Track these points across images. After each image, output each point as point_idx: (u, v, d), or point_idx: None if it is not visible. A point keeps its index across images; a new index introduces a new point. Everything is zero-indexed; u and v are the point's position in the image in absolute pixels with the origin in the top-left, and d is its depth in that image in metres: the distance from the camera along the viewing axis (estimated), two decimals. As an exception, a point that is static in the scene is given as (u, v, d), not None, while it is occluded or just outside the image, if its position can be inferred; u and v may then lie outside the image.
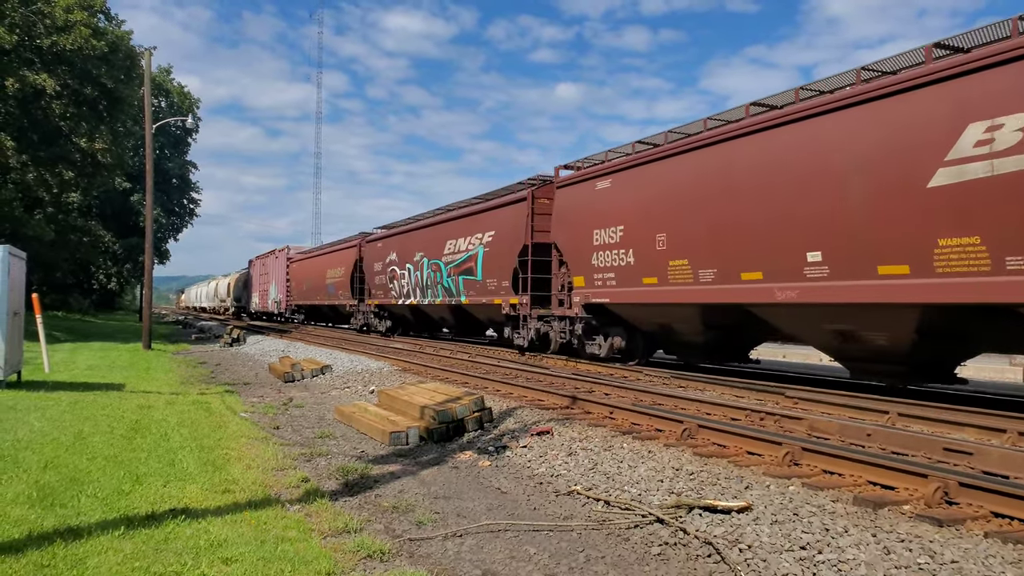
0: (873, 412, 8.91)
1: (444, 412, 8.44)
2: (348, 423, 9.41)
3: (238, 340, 26.83)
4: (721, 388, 11.49)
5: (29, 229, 31.61)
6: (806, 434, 7.72)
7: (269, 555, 4.25)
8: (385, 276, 27.42)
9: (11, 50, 26.21)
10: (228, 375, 16.14)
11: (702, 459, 6.74)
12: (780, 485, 5.82)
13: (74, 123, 29.19)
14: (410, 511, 5.60)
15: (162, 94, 56.71)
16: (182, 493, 5.51)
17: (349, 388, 13.11)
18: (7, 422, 8.11)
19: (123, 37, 30.99)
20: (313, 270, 36.39)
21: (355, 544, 4.64)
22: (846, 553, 4.35)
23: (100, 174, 31.80)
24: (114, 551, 4.19)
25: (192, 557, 4.15)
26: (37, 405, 9.44)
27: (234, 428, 8.63)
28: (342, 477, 6.60)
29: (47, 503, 5.07)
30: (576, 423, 8.59)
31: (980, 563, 4.19)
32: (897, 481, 5.63)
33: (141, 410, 9.52)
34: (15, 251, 11.58)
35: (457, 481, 6.56)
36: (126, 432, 7.87)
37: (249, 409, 10.65)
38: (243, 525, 4.82)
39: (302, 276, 38.38)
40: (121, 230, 57.29)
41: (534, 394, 10.83)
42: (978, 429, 7.90)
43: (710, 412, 9.12)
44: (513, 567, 4.48)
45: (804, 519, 4.92)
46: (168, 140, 59.88)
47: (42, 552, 4.11)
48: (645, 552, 4.71)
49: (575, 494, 6.00)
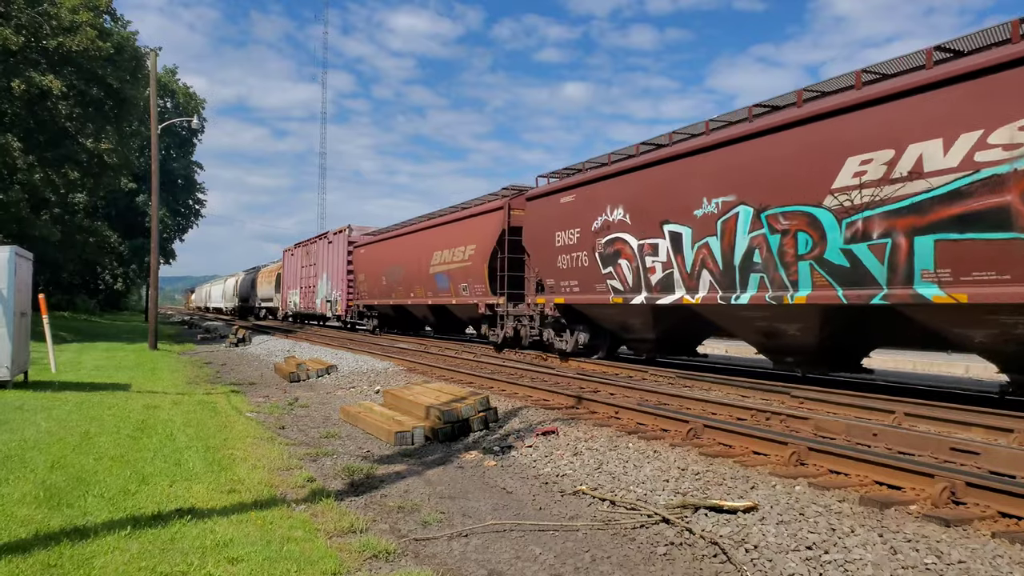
0: (879, 412, 8.87)
1: (449, 412, 8.44)
2: (353, 423, 9.42)
3: (243, 340, 26.91)
4: (727, 388, 11.47)
5: (35, 230, 31.75)
6: (812, 434, 7.69)
7: (275, 555, 4.26)
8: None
9: (18, 52, 26.32)
10: (234, 375, 16.18)
11: (708, 459, 6.73)
12: (786, 485, 5.80)
13: (80, 124, 29.31)
14: (416, 511, 5.60)
15: (168, 95, 56.93)
16: (188, 493, 5.53)
17: (354, 388, 13.12)
18: (14, 422, 8.14)
19: (129, 38, 31.13)
20: (400, 255, 25.42)
21: (361, 544, 4.65)
22: (852, 553, 4.33)
23: (106, 175, 31.92)
24: (120, 551, 4.20)
25: (198, 557, 4.16)
26: (44, 405, 9.47)
27: (240, 428, 8.65)
28: (348, 477, 6.60)
29: (54, 503, 5.09)
30: (581, 423, 8.59)
31: (987, 563, 4.17)
32: (904, 481, 5.61)
33: (147, 410, 9.55)
34: (21, 252, 11.63)
35: (462, 481, 6.56)
36: (132, 432, 7.90)
37: (255, 409, 10.67)
38: (249, 525, 4.83)
39: (376, 266, 27.93)
40: (127, 231, 57.49)
41: (539, 394, 10.82)
42: (985, 429, 7.86)
43: (716, 412, 9.10)
44: (519, 567, 4.48)
45: (810, 519, 4.91)
46: (174, 141, 60.09)
47: (49, 552, 4.12)
48: (651, 552, 4.70)
49: (581, 494, 6.00)
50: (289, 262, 40.01)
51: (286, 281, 40.52)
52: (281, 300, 42.34)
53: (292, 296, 38.56)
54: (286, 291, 40.49)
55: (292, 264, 39.13)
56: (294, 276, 38.53)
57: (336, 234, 32.12)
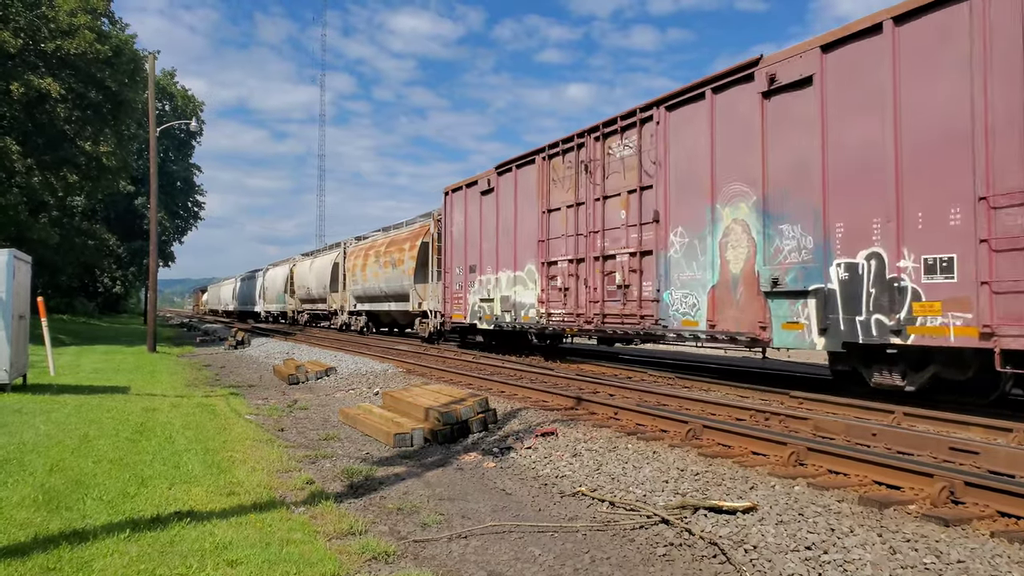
0: (878, 412, 8.88)
1: (448, 414, 8.44)
2: (353, 425, 9.42)
3: (243, 343, 26.91)
4: (726, 388, 11.48)
5: (34, 233, 31.75)
6: (811, 434, 7.70)
7: (274, 557, 4.26)
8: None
9: (16, 54, 26.33)
10: (233, 377, 16.17)
11: (707, 459, 6.73)
12: (785, 485, 5.80)
13: (78, 127, 29.31)
14: (415, 513, 5.60)
15: (166, 98, 56.95)
16: (187, 496, 5.52)
17: (354, 390, 13.12)
18: (13, 425, 8.14)
19: (127, 41, 31.11)
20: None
21: (360, 546, 4.65)
22: (852, 553, 4.34)
23: (105, 177, 31.90)
24: (120, 554, 4.20)
25: (197, 560, 4.16)
26: (42, 408, 9.47)
27: (239, 430, 8.65)
28: (347, 479, 6.60)
29: (53, 506, 5.09)
30: (581, 424, 8.59)
31: (986, 563, 4.17)
32: (903, 481, 5.61)
33: (146, 413, 9.54)
34: (20, 255, 11.63)
35: (462, 482, 6.56)
36: (131, 435, 7.89)
37: (254, 411, 10.66)
38: (248, 527, 4.83)
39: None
40: (126, 233, 57.51)
41: (538, 395, 10.83)
42: (984, 428, 7.86)
43: (715, 412, 9.10)
44: (518, 568, 4.47)
45: (809, 519, 4.91)
46: (172, 143, 60.12)
47: (48, 555, 4.12)
48: (650, 553, 4.70)
49: (580, 495, 6.00)
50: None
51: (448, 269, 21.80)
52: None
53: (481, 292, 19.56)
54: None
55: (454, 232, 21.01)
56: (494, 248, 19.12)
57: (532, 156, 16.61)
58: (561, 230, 15.30)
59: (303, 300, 40.55)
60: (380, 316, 30.27)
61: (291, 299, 43.12)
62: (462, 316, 19.97)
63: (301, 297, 40.74)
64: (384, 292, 27.38)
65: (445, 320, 21.42)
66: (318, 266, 37.47)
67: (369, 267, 28.84)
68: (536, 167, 16.31)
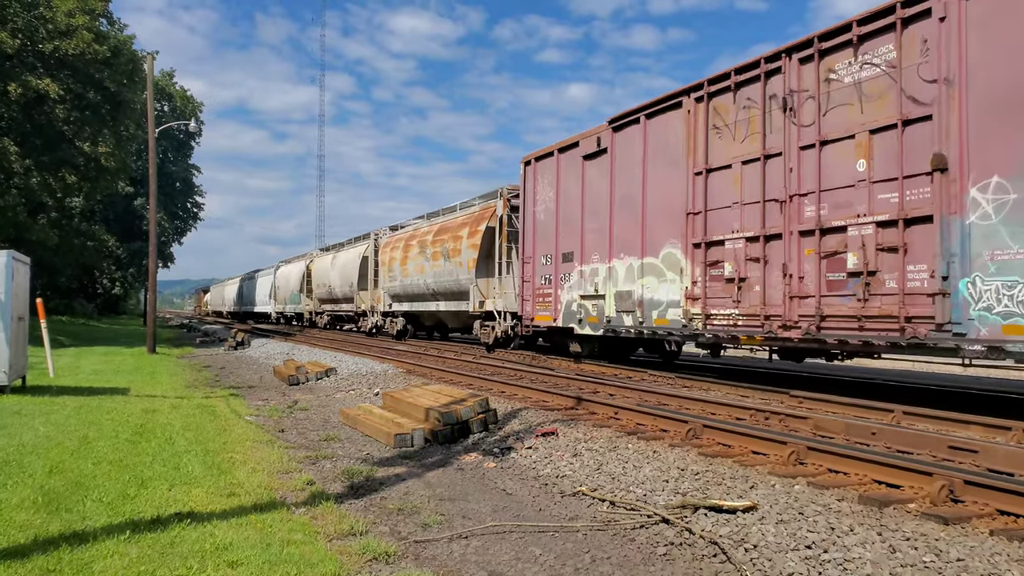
0: (878, 411, 8.89)
1: (449, 414, 8.44)
2: (353, 426, 9.41)
3: (242, 344, 26.89)
4: (726, 388, 11.48)
5: (33, 234, 31.75)
6: (811, 433, 7.70)
7: (275, 558, 4.26)
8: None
9: (14, 55, 26.32)
10: (233, 378, 16.16)
11: (707, 459, 6.74)
12: (785, 484, 5.81)
13: (77, 127, 29.30)
14: (416, 513, 5.60)
15: (165, 98, 56.92)
16: (187, 497, 5.52)
17: (354, 391, 13.12)
18: (12, 427, 8.13)
19: (125, 41, 31.11)
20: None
21: (361, 546, 4.65)
22: (852, 552, 4.34)
23: (103, 178, 31.91)
24: (120, 555, 4.20)
25: (198, 561, 4.16)
26: (42, 410, 9.46)
27: (239, 431, 8.65)
28: (347, 480, 6.60)
29: (52, 508, 5.08)
30: (581, 424, 8.59)
31: (986, 561, 4.18)
32: (902, 479, 5.62)
33: (146, 414, 9.54)
34: (19, 256, 11.62)
35: (462, 483, 6.56)
36: (131, 436, 7.89)
37: (254, 412, 10.66)
38: (249, 528, 4.83)
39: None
40: (125, 234, 57.49)
41: (538, 395, 10.83)
42: (984, 427, 7.88)
43: (715, 412, 9.11)
44: (519, 568, 4.48)
45: (809, 518, 4.91)
46: (171, 144, 60.09)
47: (48, 557, 4.12)
48: (651, 552, 4.70)
49: (580, 495, 6.00)
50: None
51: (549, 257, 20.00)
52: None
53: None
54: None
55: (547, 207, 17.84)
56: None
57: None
58: (730, 197, 11.49)
59: (323, 300, 36.38)
60: (422, 318, 26.25)
61: (308, 299, 39.05)
62: (550, 317, 16.27)
63: (321, 297, 36.65)
64: (432, 289, 23.37)
65: (523, 322, 17.61)
66: (342, 261, 33.09)
67: (411, 260, 24.62)
68: (681, 114, 12.51)
